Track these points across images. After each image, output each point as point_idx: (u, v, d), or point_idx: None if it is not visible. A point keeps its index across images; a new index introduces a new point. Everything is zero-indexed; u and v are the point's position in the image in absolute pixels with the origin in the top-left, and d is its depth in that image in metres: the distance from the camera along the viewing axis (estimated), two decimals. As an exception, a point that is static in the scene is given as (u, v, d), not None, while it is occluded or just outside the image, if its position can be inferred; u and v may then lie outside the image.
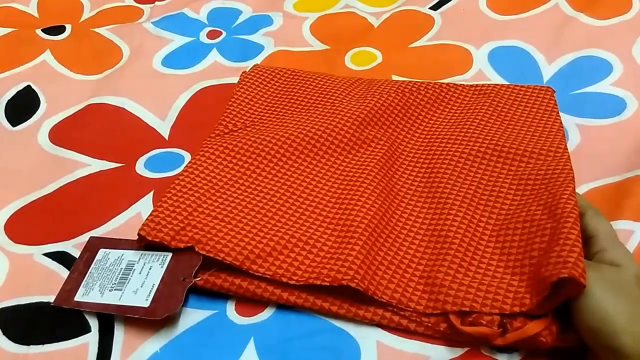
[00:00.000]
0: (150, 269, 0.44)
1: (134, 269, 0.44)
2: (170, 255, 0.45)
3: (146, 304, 0.42)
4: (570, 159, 0.50)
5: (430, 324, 0.40)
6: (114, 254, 0.46)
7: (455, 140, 0.53)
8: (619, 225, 0.46)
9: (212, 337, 0.42)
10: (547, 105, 0.57)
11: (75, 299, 0.43)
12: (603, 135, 0.55)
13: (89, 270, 0.45)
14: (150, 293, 0.43)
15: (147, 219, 0.46)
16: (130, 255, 0.46)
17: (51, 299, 0.44)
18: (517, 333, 0.38)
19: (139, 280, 0.43)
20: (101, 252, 0.46)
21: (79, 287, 0.44)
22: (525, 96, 0.58)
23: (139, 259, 0.45)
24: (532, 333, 0.38)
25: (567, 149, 0.51)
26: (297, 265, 0.43)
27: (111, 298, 0.43)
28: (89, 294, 0.43)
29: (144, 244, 0.45)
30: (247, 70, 0.63)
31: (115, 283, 0.44)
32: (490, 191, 0.48)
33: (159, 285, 0.43)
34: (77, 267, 0.46)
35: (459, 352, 0.40)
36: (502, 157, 0.51)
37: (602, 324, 0.35)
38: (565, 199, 0.43)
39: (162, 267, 0.44)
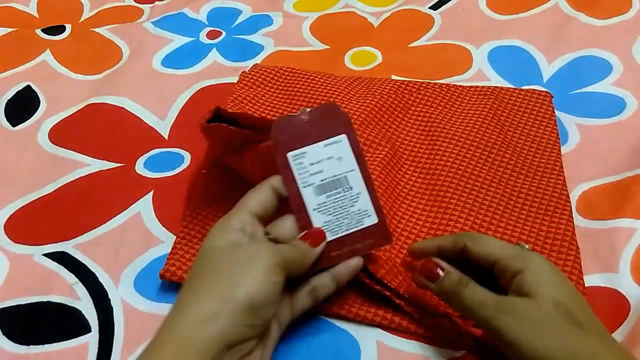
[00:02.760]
0: None
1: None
2: None
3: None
4: (565, 181, 0.50)
5: (434, 323, 0.40)
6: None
7: (456, 144, 0.53)
8: (621, 223, 0.46)
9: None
10: (545, 112, 0.57)
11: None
12: (603, 135, 0.55)
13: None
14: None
15: (168, 260, 0.45)
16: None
17: (51, 299, 0.45)
18: None
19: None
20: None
21: None
22: (524, 101, 0.58)
23: None
24: None
25: (562, 168, 0.51)
26: None
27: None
28: None
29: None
30: (246, 70, 0.63)
31: None
32: (489, 202, 0.48)
33: None
34: None
35: (458, 353, 0.40)
36: (501, 170, 0.51)
37: None
38: (561, 235, 0.45)
39: None
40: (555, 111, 0.58)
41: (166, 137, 0.59)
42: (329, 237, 0.39)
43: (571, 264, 0.43)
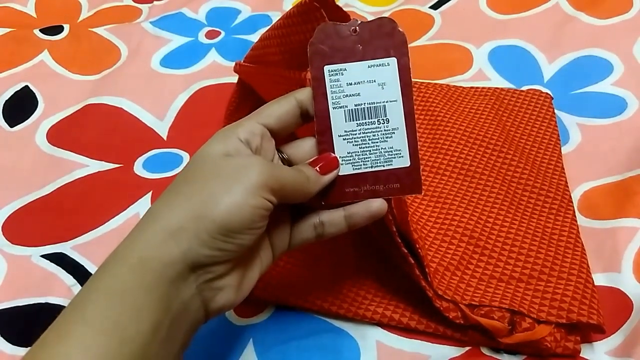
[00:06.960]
0: None
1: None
2: None
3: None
4: (567, 181, 0.50)
5: (441, 308, 0.39)
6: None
7: (458, 143, 0.53)
8: (623, 223, 0.46)
9: (212, 338, 0.41)
10: (545, 113, 0.57)
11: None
12: (604, 135, 0.55)
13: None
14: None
15: None
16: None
17: (49, 300, 0.44)
18: (525, 335, 0.38)
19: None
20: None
21: None
22: (524, 102, 0.58)
23: None
24: (539, 337, 0.38)
25: (563, 168, 0.51)
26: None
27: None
28: None
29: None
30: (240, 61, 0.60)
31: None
32: (493, 200, 0.48)
33: None
34: None
35: (459, 351, 0.40)
36: (504, 170, 0.51)
37: None
38: (566, 235, 0.45)
39: None
40: (556, 111, 0.57)
41: (165, 138, 0.58)
42: (349, 171, 0.34)
43: (578, 263, 0.43)
